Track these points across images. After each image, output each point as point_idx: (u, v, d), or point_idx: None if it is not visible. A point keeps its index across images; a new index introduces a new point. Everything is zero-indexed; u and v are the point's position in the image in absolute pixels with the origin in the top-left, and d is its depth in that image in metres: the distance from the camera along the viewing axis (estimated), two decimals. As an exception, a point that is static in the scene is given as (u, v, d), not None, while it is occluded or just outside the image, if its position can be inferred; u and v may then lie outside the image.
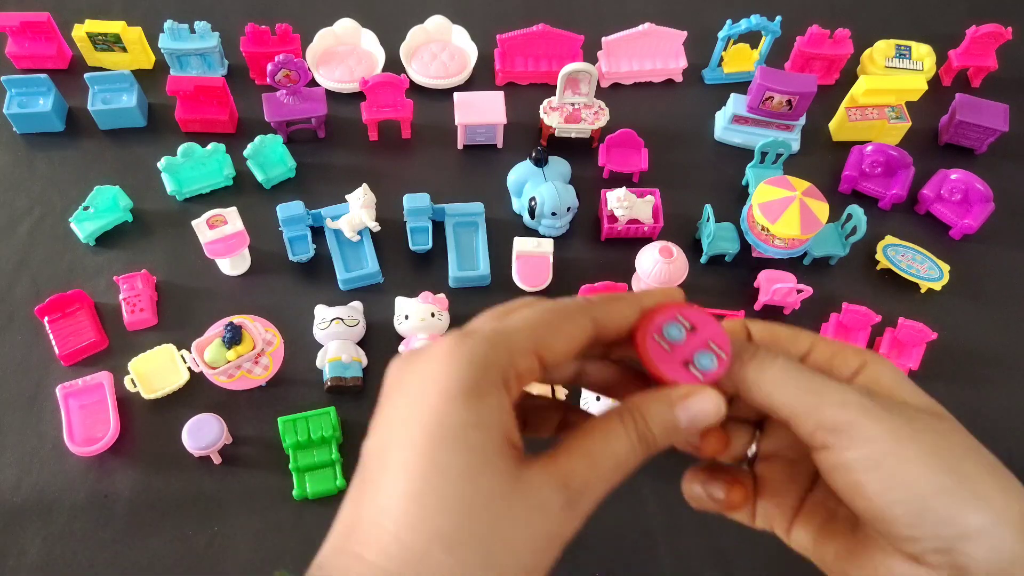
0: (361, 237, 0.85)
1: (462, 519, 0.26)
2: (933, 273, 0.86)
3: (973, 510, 0.29)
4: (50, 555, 0.68)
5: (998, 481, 0.30)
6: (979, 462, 0.31)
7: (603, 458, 0.31)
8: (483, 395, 0.27)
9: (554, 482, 0.28)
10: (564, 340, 0.30)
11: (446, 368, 0.28)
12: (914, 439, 0.30)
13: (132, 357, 0.76)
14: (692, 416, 0.32)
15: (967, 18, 1.04)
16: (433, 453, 0.27)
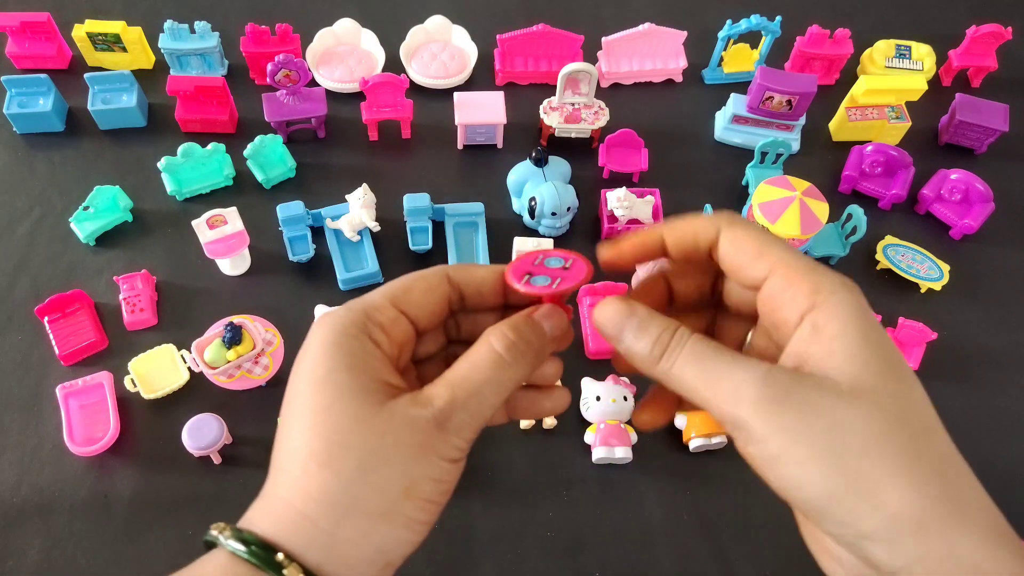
0: (361, 237, 0.85)
1: (332, 439, 0.31)
2: (933, 273, 0.86)
3: (866, 514, 0.28)
4: (50, 555, 0.68)
5: (900, 481, 0.28)
6: (883, 458, 0.28)
7: (467, 374, 0.33)
8: (343, 346, 0.32)
9: (419, 403, 0.32)
10: (419, 293, 0.35)
11: (316, 337, 0.33)
12: (804, 438, 0.29)
13: (132, 357, 0.76)
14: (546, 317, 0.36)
15: (967, 18, 1.04)
16: (310, 397, 0.32)
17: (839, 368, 0.30)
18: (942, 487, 0.29)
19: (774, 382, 0.30)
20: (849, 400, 0.29)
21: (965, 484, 0.30)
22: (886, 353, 0.30)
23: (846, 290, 0.31)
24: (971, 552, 0.28)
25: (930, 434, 0.30)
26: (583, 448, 0.75)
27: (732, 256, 0.34)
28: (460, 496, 0.72)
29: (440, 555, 0.70)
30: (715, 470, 0.75)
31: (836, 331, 0.30)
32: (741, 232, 0.34)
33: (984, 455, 0.77)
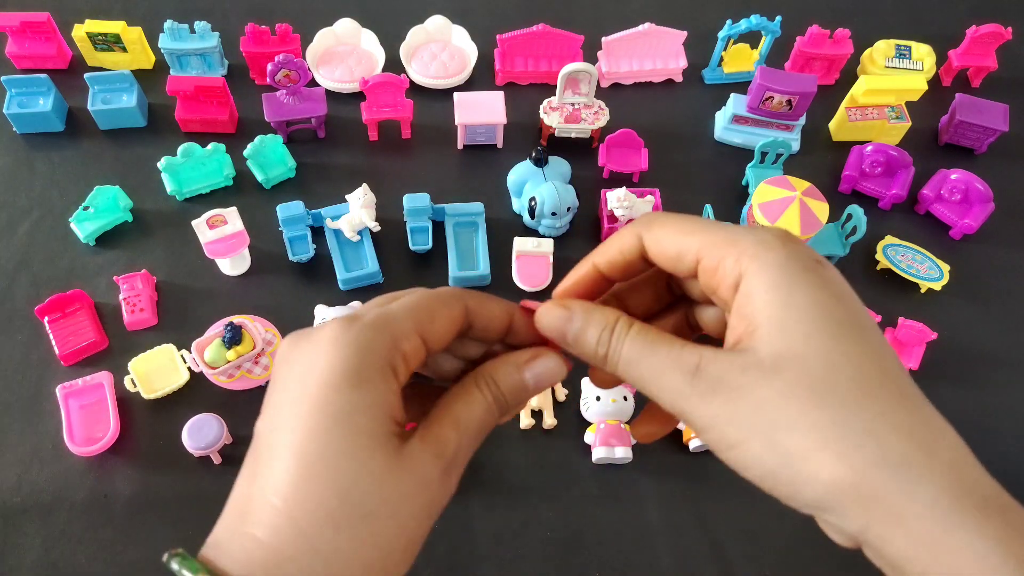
0: (361, 237, 0.85)
1: (349, 498, 0.28)
2: (933, 273, 0.86)
3: (805, 487, 0.28)
4: (50, 555, 0.68)
5: (831, 450, 0.27)
6: (812, 430, 0.28)
7: (468, 423, 0.32)
8: (367, 380, 0.29)
9: (431, 453, 0.31)
10: (442, 322, 0.33)
11: (332, 354, 0.29)
12: (733, 424, 0.29)
13: (132, 357, 0.76)
14: (537, 376, 0.34)
15: (967, 18, 1.04)
16: (321, 435, 0.29)
17: (762, 340, 0.29)
18: (880, 452, 0.27)
19: (702, 376, 0.30)
20: (771, 375, 0.29)
21: (914, 439, 0.28)
22: (813, 312, 0.29)
23: (766, 250, 0.30)
24: (920, 523, 0.27)
25: (867, 393, 0.28)
26: (583, 448, 0.75)
27: (661, 258, 0.34)
28: (460, 496, 0.72)
29: (440, 555, 0.70)
30: (715, 470, 0.75)
31: (759, 301, 0.30)
32: (659, 232, 0.34)
33: (984, 455, 0.77)
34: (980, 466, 0.29)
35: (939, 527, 0.27)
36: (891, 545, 0.27)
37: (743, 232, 0.31)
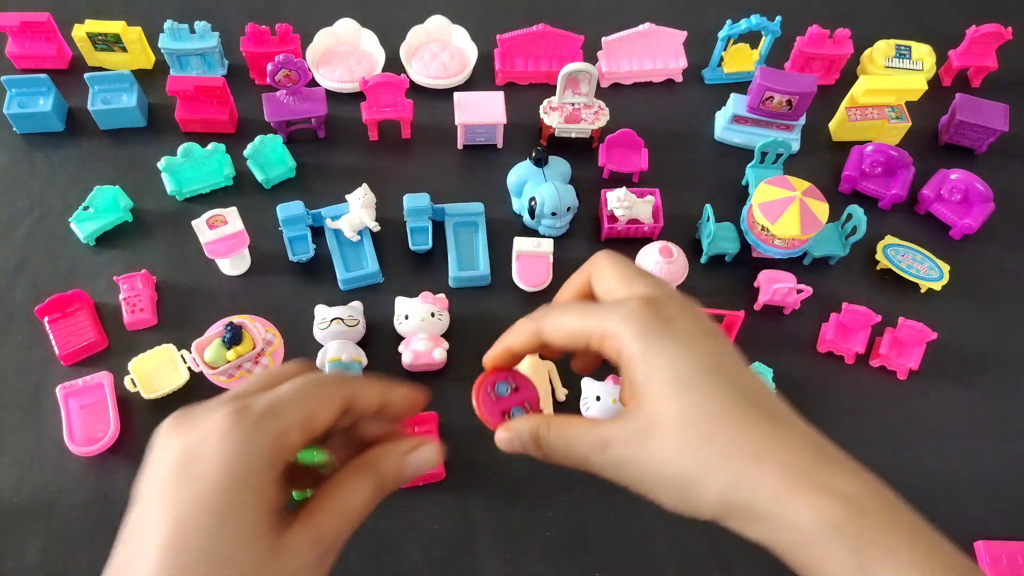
0: (361, 237, 0.85)
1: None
2: (933, 273, 0.86)
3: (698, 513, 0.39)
4: (50, 555, 0.68)
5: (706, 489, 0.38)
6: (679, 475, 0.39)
7: (349, 510, 0.36)
8: (253, 480, 0.32)
9: (310, 542, 0.33)
10: (327, 411, 0.36)
11: (221, 452, 0.32)
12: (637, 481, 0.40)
13: (132, 357, 0.76)
14: (418, 465, 0.40)
15: (967, 18, 1.04)
16: (199, 536, 0.30)
17: (639, 406, 0.39)
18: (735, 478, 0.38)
19: (608, 451, 0.39)
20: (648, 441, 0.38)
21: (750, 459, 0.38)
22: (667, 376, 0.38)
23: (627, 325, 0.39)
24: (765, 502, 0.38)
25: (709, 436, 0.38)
26: (583, 448, 0.75)
27: (560, 347, 0.42)
28: (460, 496, 0.72)
29: (440, 555, 0.70)
30: (715, 470, 0.75)
31: (631, 373, 0.39)
32: (550, 327, 0.42)
33: (984, 455, 0.78)
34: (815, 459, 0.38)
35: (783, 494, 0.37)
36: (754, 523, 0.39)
37: (611, 312, 0.40)
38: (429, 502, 0.72)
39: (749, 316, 0.82)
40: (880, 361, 0.81)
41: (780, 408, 0.41)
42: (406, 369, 0.78)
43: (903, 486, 0.81)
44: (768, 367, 0.79)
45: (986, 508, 0.74)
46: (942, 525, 0.78)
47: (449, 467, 0.73)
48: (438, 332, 0.79)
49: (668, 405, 0.38)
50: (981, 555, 0.71)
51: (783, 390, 0.78)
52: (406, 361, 0.77)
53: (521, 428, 0.45)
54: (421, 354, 0.77)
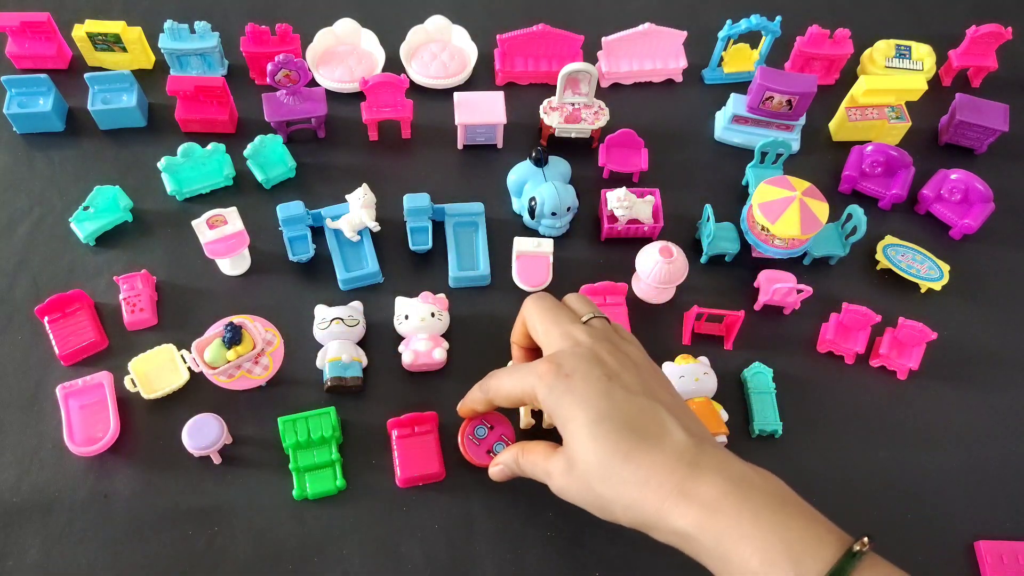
0: (361, 237, 0.85)
1: None
2: (933, 273, 0.86)
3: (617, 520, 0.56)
4: (50, 555, 0.68)
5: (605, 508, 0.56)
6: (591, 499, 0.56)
7: None
8: None
9: None
10: None
11: None
12: (576, 498, 0.58)
13: (132, 357, 0.76)
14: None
15: (967, 18, 1.04)
16: None
17: (565, 447, 0.57)
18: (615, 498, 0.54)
19: (552, 477, 0.58)
20: (570, 474, 0.57)
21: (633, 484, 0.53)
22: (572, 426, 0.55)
23: (536, 390, 0.57)
24: None
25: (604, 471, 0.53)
26: (583, 448, 0.75)
27: (506, 406, 0.63)
28: (460, 496, 0.72)
29: (440, 555, 0.70)
30: (715, 470, 0.75)
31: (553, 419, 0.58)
32: (493, 392, 0.63)
33: (984, 455, 0.78)
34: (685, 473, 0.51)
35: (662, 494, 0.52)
36: None
37: (528, 375, 0.57)
38: (429, 502, 0.72)
39: (749, 316, 0.82)
40: (880, 361, 0.81)
41: (664, 428, 0.52)
42: (406, 369, 0.78)
43: (903, 486, 0.81)
44: (768, 367, 0.79)
45: (986, 508, 0.74)
46: (942, 525, 0.78)
47: (449, 467, 0.73)
48: (438, 332, 0.79)
49: (578, 449, 0.52)
50: (981, 555, 0.71)
51: (783, 390, 0.78)
52: (406, 361, 0.77)
53: (506, 459, 0.62)
54: (421, 354, 0.77)
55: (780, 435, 0.76)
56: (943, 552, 0.72)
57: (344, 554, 0.69)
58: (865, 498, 0.75)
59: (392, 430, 0.74)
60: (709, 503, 0.48)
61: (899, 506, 0.74)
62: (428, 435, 0.73)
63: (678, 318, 0.83)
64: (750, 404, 0.78)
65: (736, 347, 0.82)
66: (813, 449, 0.76)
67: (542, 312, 0.60)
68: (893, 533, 0.73)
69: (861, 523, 0.74)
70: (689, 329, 0.82)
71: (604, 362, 0.55)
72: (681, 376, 0.76)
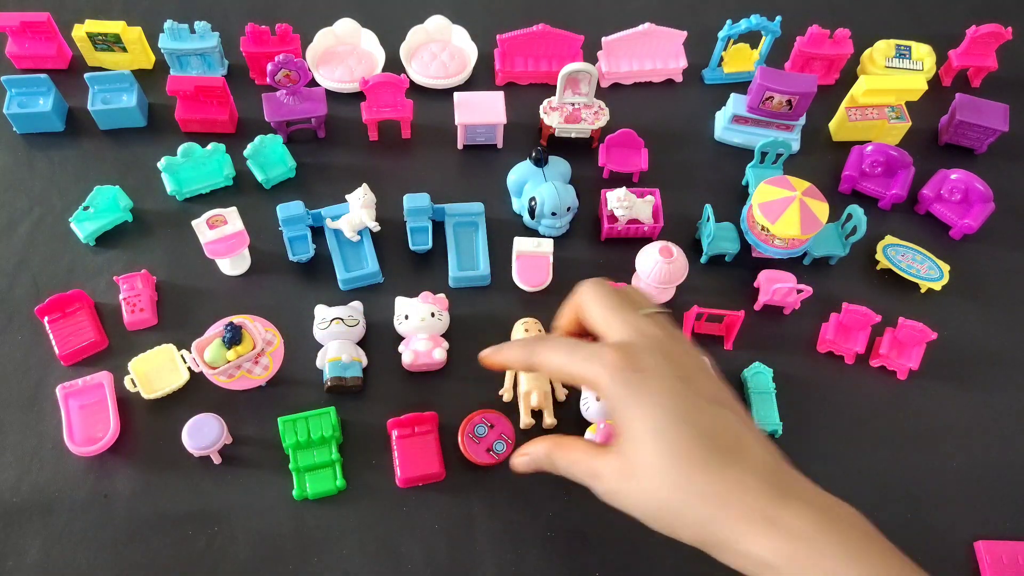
0: (361, 237, 0.85)
1: None
2: (933, 273, 0.86)
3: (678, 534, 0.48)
4: (50, 555, 0.68)
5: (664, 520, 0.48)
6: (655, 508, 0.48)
7: None
8: None
9: None
10: None
11: None
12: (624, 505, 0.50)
13: (132, 357, 0.76)
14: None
15: (967, 18, 1.04)
16: None
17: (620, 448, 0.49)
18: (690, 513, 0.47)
19: (599, 477, 0.51)
20: (631, 479, 0.48)
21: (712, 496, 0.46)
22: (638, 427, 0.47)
23: (599, 380, 0.49)
24: None
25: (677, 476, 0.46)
26: (583, 448, 0.75)
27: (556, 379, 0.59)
28: (460, 496, 0.72)
29: (440, 555, 0.70)
30: (715, 470, 0.75)
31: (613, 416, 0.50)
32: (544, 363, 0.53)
33: (984, 455, 0.77)
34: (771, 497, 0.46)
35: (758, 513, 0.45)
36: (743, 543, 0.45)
37: (591, 361, 0.49)
38: (429, 502, 0.72)
39: (749, 316, 0.82)
40: (880, 361, 0.81)
41: (743, 442, 0.47)
42: (406, 369, 0.78)
43: (903, 486, 0.81)
44: (768, 367, 0.79)
45: (986, 508, 0.74)
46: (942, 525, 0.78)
47: (449, 467, 0.73)
48: (438, 332, 0.79)
49: (644, 452, 0.46)
50: (981, 555, 0.71)
51: (783, 390, 0.78)
52: (406, 361, 0.77)
53: (536, 452, 0.55)
54: (421, 354, 0.77)
55: (780, 435, 0.76)
56: (943, 552, 0.72)
57: (344, 554, 0.69)
58: (865, 498, 0.74)
59: (392, 430, 0.74)
60: (798, 533, 0.44)
61: (899, 506, 0.74)
62: (428, 435, 0.73)
63: (678, 318, 0.83)
64: (750, 404, 0.78)
65: (736, 347, 0.82)
66: (813, 449, 0.76)
67: (602, 297, 0.53)
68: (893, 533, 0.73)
69: (861, 523, 0.74)
70: (689, 329, 0.82)
71: (677, 362, 0.49)
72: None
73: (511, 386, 0.77)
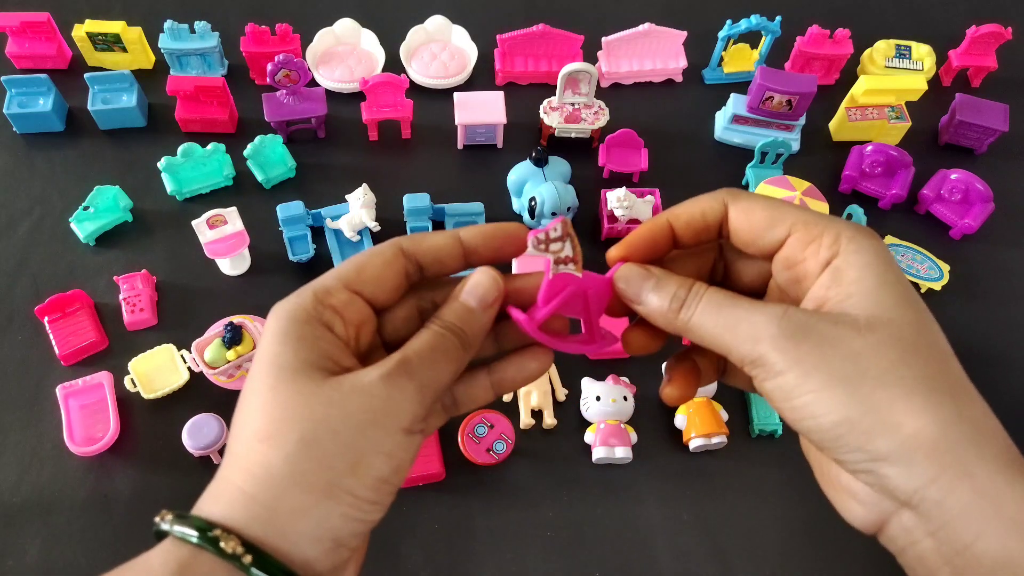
0: (361, 237, 0.85)
1: (275, 415, 0.31)
2: (933, 273, 0.86)
3: (881, 436, 0.30)
4: (50, 555, 0.68)
5: (915, 403, 0.30)
6: (898, 383, 0.30)
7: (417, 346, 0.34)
8: (290, 333, 0.33)
9: (368, 368, 0.32)
10: (373, 270, 0.35)
11: (269, 323, 0.35)
12: (821, 369, 0.31)
13: (132, 357, 0.76)
14: (472, 291, 0.36)
15: (967, 18, 1.04)
16: (258, 381, 0.32)
17: (856, 305, 0.32)
18: (956, 410, 0.30)
19: (791, 320, 0.32)
20: (866, 332, 0.31)
21: (979, 410, 0.32)
22: (901, 290, 0.32)
23: (864, 236, 0.33)
24: (987, 475, 0.29)
25: (944, 361, 0.32)
26: (583, 448, 0.75)
27: (746, 228, 0.35)
28: (460, 496, 0.72)
29: (440, 555, 0.70)
30: (715, 470, 0.75)
31: (854, 274, 0.32)
32: (748, 203, 0.35)
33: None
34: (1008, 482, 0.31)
35: (1003, 479, 0.29)
36: (955, 497, 0.29)
37: (838, 219, 0.34)
38: (429, 502, 0.72)
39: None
40: (880, 361, 0.81)
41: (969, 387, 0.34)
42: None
43: (903, 486, 0.80)
44: (768, 367, 0.79)
45: (986, 508, 0.74)
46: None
47: (449, 467, 0.73)
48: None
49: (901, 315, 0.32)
50: (981, 555, 0.71)
51: (783, 390, 0.78)
52: (406, 361, 0.77)
53: (669, 276, 0.36)
54: (421, 354, 0.77)
55: (780, 435, 0.76)
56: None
57: (344, 554, 0.69)
58: (865, 498, 0.75)
59: (392, 430, 0.74)
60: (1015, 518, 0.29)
61: (899, 506, 0.74)
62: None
63: (678, 318, 0.83)
64: (750, 404, 0.78)
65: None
66: (813, 449, 0.76)
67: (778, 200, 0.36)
68: (893, 533, 0.73)
69: (861, 523, 0.74)
70: (689, 329, 0.82)
71: None
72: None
73: None
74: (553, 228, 0.36)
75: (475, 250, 0.37)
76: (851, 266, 0.32)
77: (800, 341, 0.31)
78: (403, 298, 0.37)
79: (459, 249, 0.37)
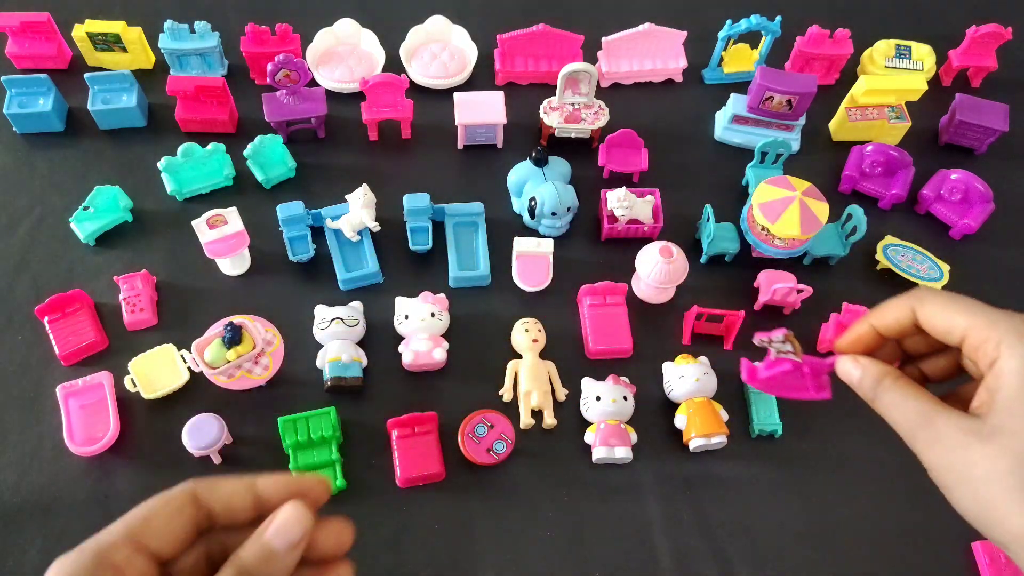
0: (361, 237, 0.85)
1: None
2: (933, 273, 0.86)
3: (997, 530, 0.37)
4: (50, 555, 0.68)
5: (1015, 506, 0.36)
6: (1003, 489, 0.36)
7: None
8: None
9: None
10: (160, 521, 0.33)
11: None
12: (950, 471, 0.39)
13: (132, 357, 0.76)
14: (278, 530, 0.33)
15: (967, 18, 1.04)
16: None
17: (992, 412, 0.37)
18: None
19: (933, 425, 0.39)
20: (986, 440, 0.37)
21: None
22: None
23: (1020, 341, 0.38)
24: None
25: None
26: (583, 448, 0.75)
27: (930, 329, 0.42)
28: (460, 496, 0.72)
29: (440, 555, 0.70)
30: (715, 470, 0.75)
31: (1002, 382, 0.38)
32: (931, 308, 0.42)
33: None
34: None
35: None
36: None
37: (1003, 318, 0.39)
38: (429, 502, 0.72)
39: (749, 316, 0.82)
40: (880, 361, 0.81)
41: None
42: (406, 369, 0.78)
43: (904, 485, 0.81)
44: (768, 367, 0.79)
45: (986, 508, 0.74)
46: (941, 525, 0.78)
47: (449, 467, 0.73)
48: (438, 332, 0.79)
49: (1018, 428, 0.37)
50: (979, 555, 0.71)
51: (783, 390, 0.78)
52: (406, 361, 0.77)
53: (871, 370, 0.45)
54: (421, 354, 0.77)
55: (780, 435, 0.76)
56: (942, 552, 0.72)
57: (344, 554, 0.69)
58: (864, 498, 0.75)
59: (392, 430, 0.74)
60: None
61: (899, 506, 0.74)
62: (428, 435, 0.73)
63: (678, 318, 0.83)
64: (750, 404, 0.78)
65: (736, 347, 0.82)
66: (813, 449, 0.76)
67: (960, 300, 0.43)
68: (893, 533, 0.73)
69: (861, 523, 0.74)
70: (689, 329, 0.82)
71: None
72: (681, 376, 0.76)
73: (511, 386, 0.77)
74: (778, 336, 0.49)
75: (270, 501, 0.34)
76: (1003, 372, 0.38)
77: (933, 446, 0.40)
78: (192, 544, 0.34)
79: (252, 500, 0.34)
